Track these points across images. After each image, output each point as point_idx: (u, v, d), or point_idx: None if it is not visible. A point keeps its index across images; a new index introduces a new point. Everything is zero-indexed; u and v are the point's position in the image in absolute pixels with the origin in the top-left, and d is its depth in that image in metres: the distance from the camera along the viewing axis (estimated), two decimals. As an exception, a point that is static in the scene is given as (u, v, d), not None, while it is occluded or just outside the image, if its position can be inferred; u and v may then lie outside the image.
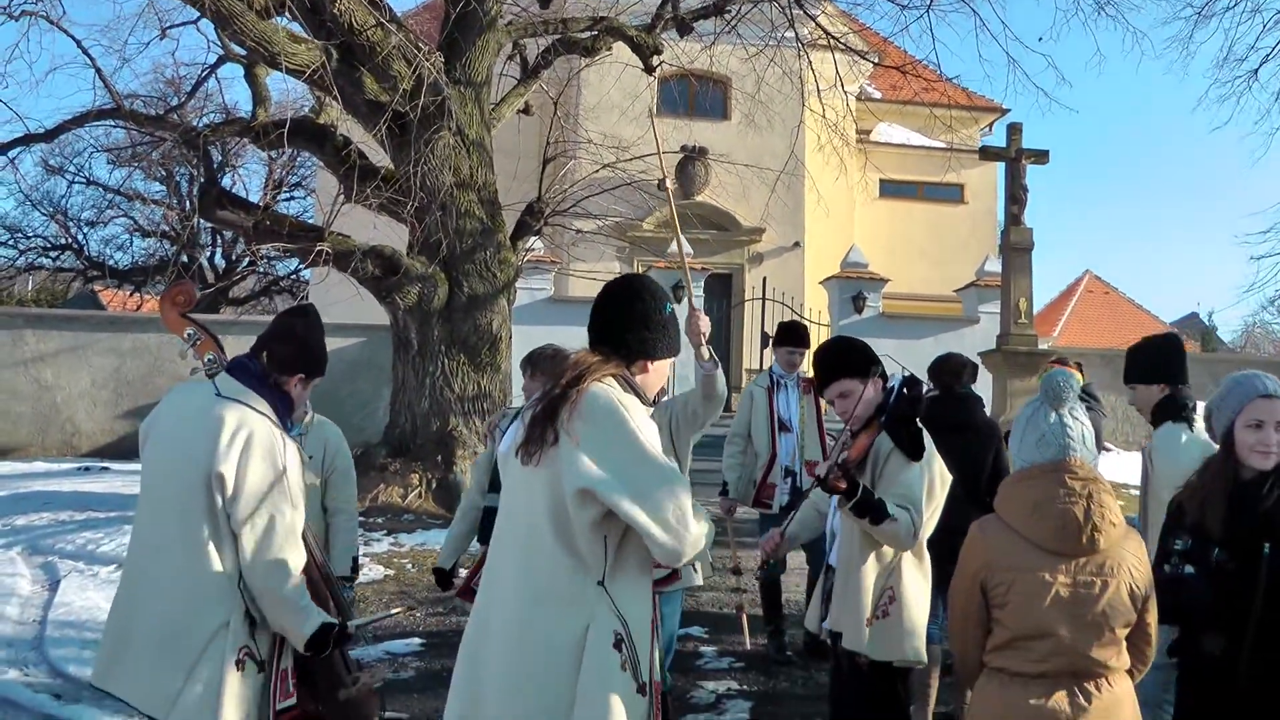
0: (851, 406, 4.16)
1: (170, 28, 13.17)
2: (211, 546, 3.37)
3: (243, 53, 12.15)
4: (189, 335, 3.89)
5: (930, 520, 4.14)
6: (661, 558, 2.97)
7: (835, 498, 4.06)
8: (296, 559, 3.48)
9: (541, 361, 5.19)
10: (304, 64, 11.33)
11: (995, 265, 18.64)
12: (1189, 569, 3.46)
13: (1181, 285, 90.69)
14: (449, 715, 3.01)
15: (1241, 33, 31.92)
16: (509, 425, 3.20)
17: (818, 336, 20.96)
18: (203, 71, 14.76)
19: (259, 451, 3.41)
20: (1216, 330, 43.15)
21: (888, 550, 4.11)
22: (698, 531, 2.95)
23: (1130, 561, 3.17)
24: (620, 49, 14.81)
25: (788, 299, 21.23)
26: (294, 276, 35.20)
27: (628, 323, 3.12)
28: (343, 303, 15.77)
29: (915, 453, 4.04)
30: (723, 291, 24.76)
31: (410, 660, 7.20)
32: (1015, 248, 16.59)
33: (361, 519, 11.67)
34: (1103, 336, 34.42)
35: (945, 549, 4.02)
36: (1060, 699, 3.07)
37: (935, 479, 4.13)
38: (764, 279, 23.31)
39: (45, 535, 10.24)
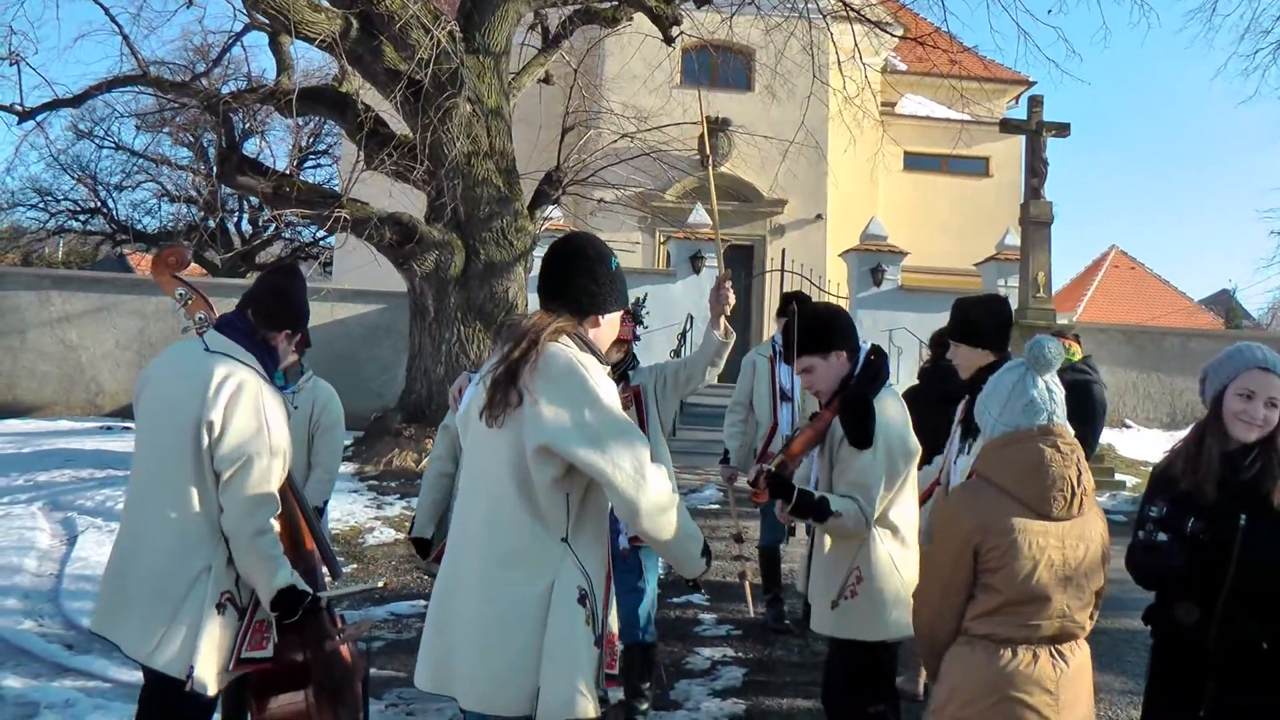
0: (815, 383, 4.20)
1: (199, -5, 13.33)
2: (196, 492, 3.49)
3: (267, 20, 12.26)
4: (180, 295, 4.00)
5: (901, 492, 4.14)
6: (621, 509, 3.03)
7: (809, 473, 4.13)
8: (269, 506, 3.58)
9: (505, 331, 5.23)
10: (322, 32, 11.43)
11: (1015, 239, 18.57)
12: (1162, 536, 3.45)
13: (1213, 262, 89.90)
14: (420, 675, 3.12)
15: (1266, 3, 31.47)
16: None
17: (835, 309, 20.96)
18: (228, 39, 14.85)
19: (245, 399, 3.53)
20: (1243, 306, 42.60)
21: None
22: (657, 486, 3.01)
23: (1100, 525, 3.25)
24: (642, 19, 14.83)
25: (809, 271, 21.21)
26: (317, 242, 35.36)
27: (574, 279, 3.19)
28: (364, 269, 15.92)
29: (860, 441, 3.99)
30: (744, 262, 24.77)
31: (414, 622, 7.33)
32: (1034, 221, 16.57)
33: (375, 482, 11.95)
34: (1128, 312, 34.16)
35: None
36: (1045, 662, 3.13)
37: (895, 456, 4.09)
38: (783, 250, 23.30)
39: (66, 492, 10.45)
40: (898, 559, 4.10)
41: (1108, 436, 17.27)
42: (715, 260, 5.28)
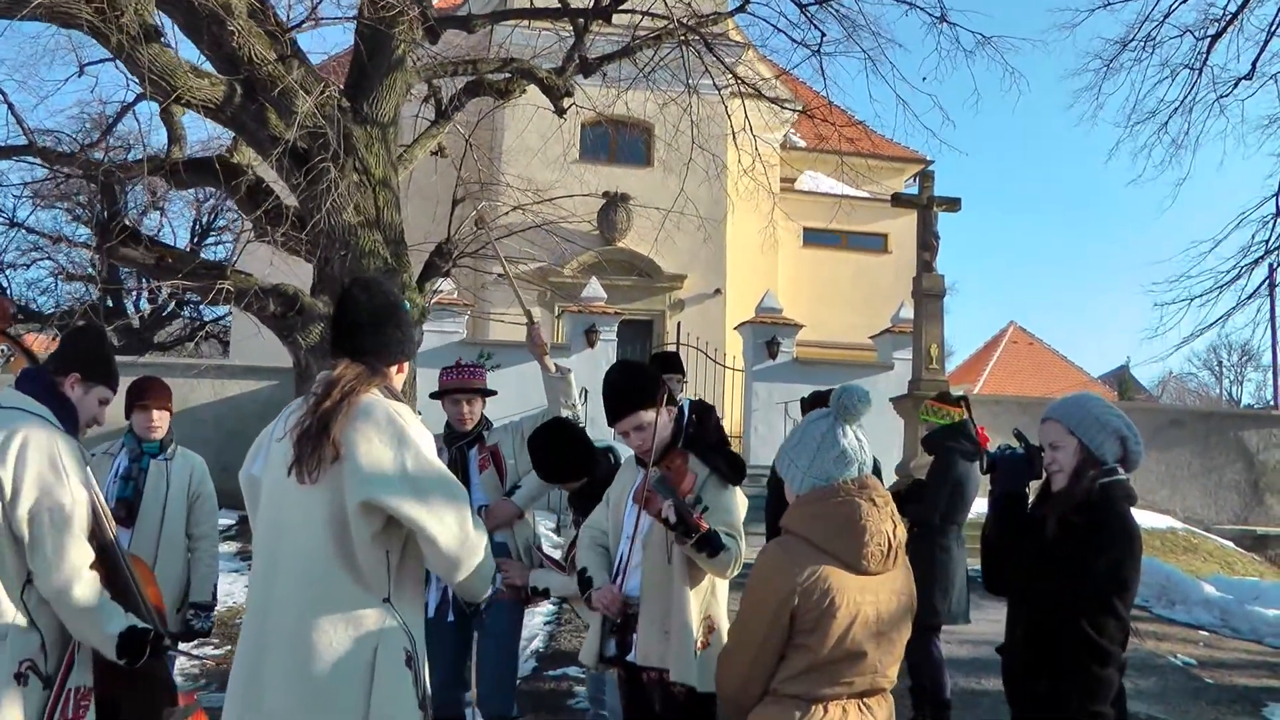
0: (649, 438, 4.07)
1: (89, 64, 13.03)
2: None
3: (150, 86, 12.05)
4: (3, 350, 3.87)
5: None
6: (441, 567, 2.93)
7: (644, 527, 4.06)
8: (82, 555, 3.38)
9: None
10: (205, 98, 11.26)
11: (910, 312, 18.82)
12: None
13: (1111, 339, 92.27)
14: None
15: (1149, 87, 33.23)
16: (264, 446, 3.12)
17: (732, 381, 21.02)
18: (120, 109, 14.57)
19: (33, 452, 3.35)
20: (1137, 380, 43.92)
21: (700, 576, 4.04)
22: (477, 542, 2.94)
23: (908, 578, 3.21)
24: (537, 93, 14.83)
25: (707, 345, 21.27)
26: (218, 320, 34.84)
27: (386, 328, 3.09)
28: (258, 343, 15.66)
29: (736, 476, 4.04)
30: (643, 337, 24.78)
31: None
32: (927, 294, 16.81)
33: (255, 559, 11.61)
34: (1025, 386, 34.88)
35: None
36: (854, 716, 3.05)
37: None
38: (678, 324, 23.37)
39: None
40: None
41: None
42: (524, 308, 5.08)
